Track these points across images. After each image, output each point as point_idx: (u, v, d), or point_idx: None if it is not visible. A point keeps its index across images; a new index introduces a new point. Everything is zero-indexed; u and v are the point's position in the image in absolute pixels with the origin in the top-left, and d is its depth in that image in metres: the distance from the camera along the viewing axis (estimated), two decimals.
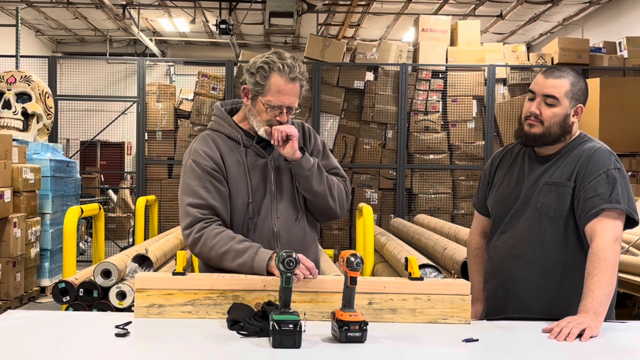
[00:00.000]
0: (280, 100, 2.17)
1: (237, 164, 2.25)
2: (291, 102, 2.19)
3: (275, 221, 2.25)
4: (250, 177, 2.24)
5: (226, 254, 2.13)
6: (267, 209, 2.25)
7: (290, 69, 2.16)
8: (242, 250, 2.11)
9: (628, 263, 3.82)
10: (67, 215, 4.24)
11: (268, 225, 2.24)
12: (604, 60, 8.42)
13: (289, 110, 2.21)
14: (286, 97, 2.17)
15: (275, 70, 2.16)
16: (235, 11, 10.92)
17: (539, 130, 2.22)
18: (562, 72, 2.23)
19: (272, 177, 2.26)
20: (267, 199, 2.26)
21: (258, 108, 2.21)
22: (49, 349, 1.71)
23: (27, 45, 11.99)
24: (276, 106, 2.18)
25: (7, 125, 6.69)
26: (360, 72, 8.33)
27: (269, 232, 2.24)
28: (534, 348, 1.82)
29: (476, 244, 2.52)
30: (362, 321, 1.79)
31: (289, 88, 2.17)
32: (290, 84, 2.17)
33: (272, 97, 2.17)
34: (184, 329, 1.89)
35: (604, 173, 2.15)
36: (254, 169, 2.26)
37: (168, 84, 8.77)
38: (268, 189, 2.26)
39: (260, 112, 2.21)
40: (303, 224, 2.30)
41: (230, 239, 2.15)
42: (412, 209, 8.15)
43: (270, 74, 2.17)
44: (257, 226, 2.24)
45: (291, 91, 2.18)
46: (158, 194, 7.78)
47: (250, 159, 2.26)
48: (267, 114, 2.20)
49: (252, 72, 2.20)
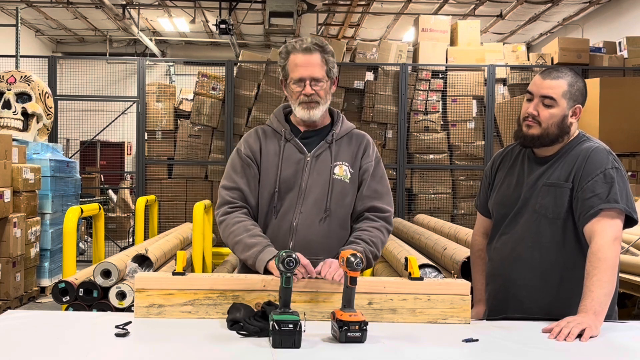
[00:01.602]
0: (298, 72, 2.23)
1: (274, 154, 2.31)
2: (310, 72, 2.23)
3: (297, 216, 2.26)
4: (281, 168, 2.28)
5: (237, 244, 2.22)
6: (291, 203, 2.27)
7: (302, 42, 2.25)
8: (250, 245, 2.18)
9: (628, 263, 3.81)
10: (67, 215, 4.24)
11: (288, 219, 2.27)
12: (604, 60, 8.42)
13: (314, 82, 2.24)
14: (303, 69, 2.23)
15: (291, 50, 2.26)
16: (235, 11, 10.92)
17: (537, 131, 2.22)
18: (560, 73, 2.23)
19: (305, 173, 2.28)
20: (294, 192, 2.28)
21: (289, 90, 2.29)
22: (49, 349, 1.71)
23: (27, 45, 11.99)
24: (297, 79, 2.23)
25: (7, 125, 6.69)
26: (360, 72, 8.33)
27: (287, 226, 2.26)
28: (534, 348, 1.82)
29: (478, 245, 2.52)
30: (362, 321, 1.79)
31: (305, 59, 2.23)
32: (304, 55, 2.23)
33: (292, 74, 2.25)
34: (184, 329, 1.89)
35: (601, 173, 2.15)
36: (288, 161, 2.29)
37: (168, 84, 8.77)
38: (297, 184, 2.28)
39: (291, 93, 2.28)
40: (328, 226, 2.28)
41: (245, 230, 2.22)
42: (412, 209, 8.15)
43: (289, 55, 2.26)
44: (278, 217, 2.28)
45: (307, 62, 2.23)
46: (158, 194, 7.78)
47: (287, 151, 2.31)
48: (295, 91, 2.25)
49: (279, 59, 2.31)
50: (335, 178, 2.29)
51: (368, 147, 2.37)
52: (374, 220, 2.31)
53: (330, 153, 2.31)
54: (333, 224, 2.28)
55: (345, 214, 2.32)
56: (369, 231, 2.27)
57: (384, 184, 2.37)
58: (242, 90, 8.18)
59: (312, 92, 2.23)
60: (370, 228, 2.28)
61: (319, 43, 2.25)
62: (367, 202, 2.32)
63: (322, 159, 2.30)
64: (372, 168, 2.35)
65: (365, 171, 2.34)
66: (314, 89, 2.23)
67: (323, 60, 2.25)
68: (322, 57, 2.25)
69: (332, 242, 2.28)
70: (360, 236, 2.25)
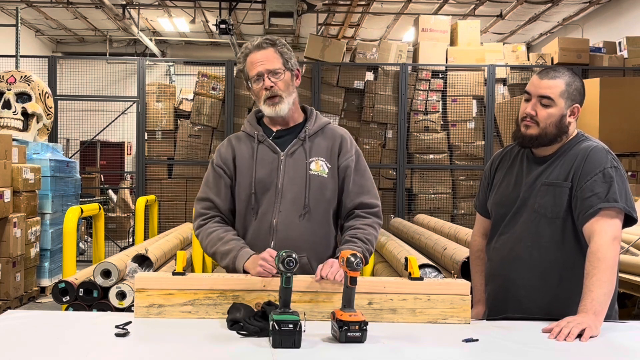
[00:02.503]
0: (255, 69, 2.27)
1: (248, 157, 2.32)
2: (266, 66, 2.26)
3: (277, 215, 2.27)
4: (256, 169, 2.29)
5: (215, 255, 2.28)
6: (270, 202, 2.28)
7: (254, 41, 2.30)
8: (225, 253, 2.23)
9: (628, 263, 3.81)
10: (67, 215, 4.24)
11: (268, 219, 2.27)
12: (603, 60, 8.42)
13: (271, 74, 2.26)
14: (258, 64, 2.27)
15: (246, 52, 2.31)
16: (235, 11, 10.92)
17: (535, 131, 2.22)
18: (557, 73, 2.23)
19: (280, 172, 2.28)
20: (272, 192, 2.28)
21: (253, 91, 2.33)
22: (49, 349, 1.71)
23: (27, 45, 11.99)
24: (254, 76, 2.27)
25: (7, 125, 6.69)
26: (360, 72, 8.33)
27: (267, 226, 2.27)
28: (534, 348, 1.82)
29: (478, 245, 2.52)
30: (362, 321, 1.79)
31: (258, 56, 2.27)
32: (257, 52, 2.28)
33: (251, 72, 2.29)
34: (184, 329, 1.89)
35: (600, 172, 2.15)
36: (262, 162, 2.30)
37: (168, 84, 8.77)
38: (274, 183, 2.28)
39: (255, 93, 2.32)
40: (309, 222, 2.28)
41: (218, 240, 2.27)
42: (412, 209, 8.15)
43: (245, 58, 2.31)
44: (258, 217, 2.29)
45: (261, 57, 2.27)
46: (158, 194, 7.79)
47: (261, 153, 2.31)
48: (256, 88, 2.29)
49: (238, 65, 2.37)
50: (312, 174, 2.29)
51: (345, 142, 2.36)
52: (365, 217, 2.31)
53: (305, 150, 2.31)
54: (313, 220, 2.29)
55: (325, 209, 2.31)
56: (363, 229, 2.27)
57: (367, 177, 2.38)
58: (242, 90, 8.18)
59: (271, 85, 2.25)
60: (364, 226, 2.28)
61: (269, 39, 2.30)
62: (355, 198, 2.32)
63: (297, 157, 2.30)
64: (354, 163, 2.34)
65: (347, 167, 2.33)
66: (273, 81, 2.25)
67: (277, 52, 2.28)
68: (275, 49, 2.28)
69: (314, 238, 2.29)
70: (356, 235, 2.25)
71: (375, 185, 2.40)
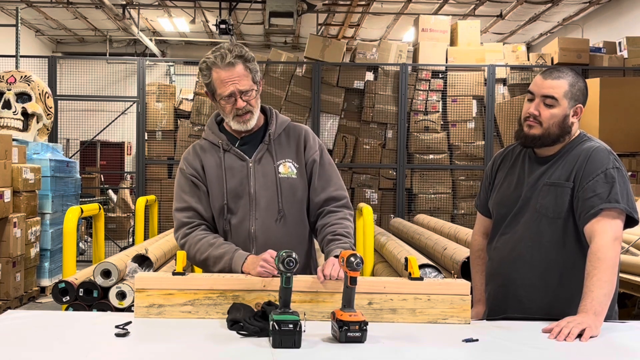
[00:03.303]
0: (226, 89, 2.19)
1: (216, 167, 2.29)
2: (237, 86, 2.18)
3: (253, 222, 2.26)
4: (226, 179, 2.27)
5: (207, 261, 2.23)
6: (245, 211, 2.26)
7: (222, 56, 2.18)
8: (219, 257, 2.19)
9: (628, 263, 3.81)
10: (67, 215, 4.23)
11: (245, 227, 2.26)
12: (604, 60, 8.41)
13: (243, 94, 2.20)
14: (230, 84, 2.18)
15: (212, 65, 2.20)
16: (235, 11, 10.92)
17: (538, 131, 2.22)
18: (561, 73, 2.23)
19: (251, 179, 2.27)
20: (245, 200, 2.27)
21: (220, 105, 2.25)
22: (49, 349, 1.71)
23: (27, 45, 11.99)
24: (226, 96, 2.20)
25: (7, 125, 6.69)
26: (360, 72, 8.33)
27: (245, 234, 2.26)
28: (534, 348, 1.82)
29: (478, 245, 2.52)
30: (362, 321, 1.79)
31: (229, 74, 2.18)
32: (228, 70, 2.18)
33: (220, 90, 2.20)
34: (184, 329, 1.89)
35: (602, 173, 2.15)
36: (231, 171, 2.28)
37: (168, 84, 8.77)
38: (246, 191, 2.27)
39: (222, 108, 2.25)
40: (285, 226, 2.28)
41: (209, 245, 2.23)
42: (412, 209, 8.15)
43: (210, 71, 2.21)
44: (234, 227, 2.27)
45: (233, 76, 2.18)
46: (158, 194, 7.78)
47: (228, 162, 2.28)
48: (226, 106, 2.22)
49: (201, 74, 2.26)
50: (281, 177, 2.28)
51: (308, 138, 2.35)
52: (336, 211, 2.30)
53: (271, 154, 2.29)
54: (289, 222, 2.28)
55: (298, 209, 2.31)
56: (340, 224, 2.26)
57: (332, 170, 2.36)
58: None
59: (244, 105, 2.20)
60: (339, 220, 2.28)
61: (238, 53, 2.19)
62: (322, 193, 2.31)
63: (265, 162, 2.28)
64: (319, 157, 2.34)
65: (313, 162, 2.32)
66: (244, 99, 2.20)
67: (247, 69, 2.20)
68: (244, 66, 2.19)
69: (292, 239, 2.28)
70: (336, 231, 2.24)
71: (340, 177, 2.39)
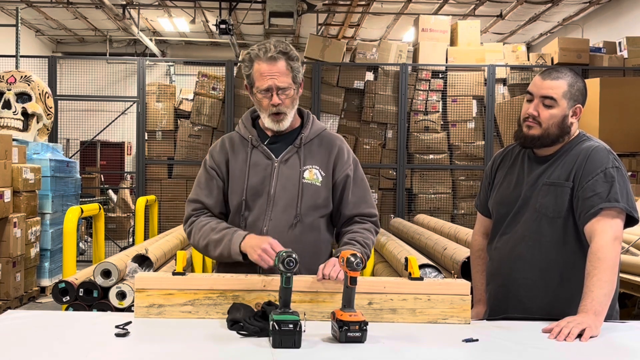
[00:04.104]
0: (265, 82, 2.18)
1: (242, 162, 2.28)
2: (276, 82, 2.18)
3: (267, 222, 2.23)
4: (249, 175, 2.25)
5: (208, 246, 2.22)
6: (261, 210, 2.24)
7: (266, 50, 2.18)
8: (219, 240, 2.18)
9: (628, 263, 3.81)
10: (67, 215, 4.24)
11: (258, 226, 2.24)
12: (604, 60, 8.41)
13: (281, 92, 2.19)
14: (269, 78, 2.18)
15: (255, 57, 2.21)
16: (235, 11, 10.92)
17: (538, 131, 2.22)
18: (560, 73, 2.23)
19: (273, 179, 2.24)
20: (263, 199, 2.24)
21: (256, 99, 2.25)
22: (49, 349, 1.71)
23: (27, 45, 11.99)
24: (264, 89, 2.19)
25: (7, 125, 6.69)
26: (360, 72, 8.33)
27: (257, 232, 2.23)
28: (534, 348, 1.82)
29: (478, 245, 2.52)
30: (362, 321, 1.79)
31: (270, 68, 2.18)
32: (269, 64, 2.18)
33: (258, 83, 2.20)
34: (184, 329, 1.89)
35: (601, 172, 2.15)
36: (255, 168, 2.26)
37: (168, 84, 8.77)
38: (266, 190, 2.24)
39: (259, 103, 2.25)
40: (299, 231, 2.23)
41: (210, 230, 2.22)
42: (412, 209, 8.15)
43: (253, 63, 2.21)
44: (248, 224, 2.25)
45: (273, 70, 2.17)
46: (158, 194, 7.79)
47: (254, 158, 2.27)
48: (263, 101, 2.22)
49: (243, 67, 2.27)
50: (305, 182, 2.24)
51: (342, 151, 2.32)
52: (363, 222, 2.30)
53: (299, 157, 2.26)
54: (303, 229, 2.24)
55: (315, 217, 2.27)
56: (361, 233, 2.26)
57: (365, 188, 2.35)
58: (242, 90, 8.18)
59: (279, 102, 2.19)
60: (362, 230, 2.27)
61: (283, 50, 2.18)
62: (354, 209, 2.30)
63: (291, 164, 2.26)
64: (352, 173, 2.31)
65: (347, 176, 2.29)
66: (281, 98, 2.19)
67: (288, 67, 2.19)
68: (287, 64, 2.19)
69: (303, 246, 2.20)
70: (355, 238, 2.24)
71: (372, 195, 2.39)
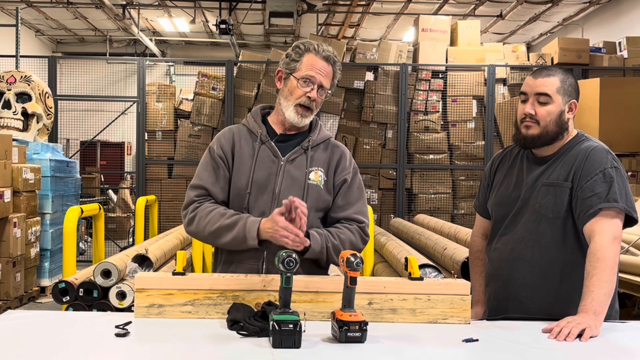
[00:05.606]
0: (313, 71, 2.21)
1: (248, 156, 2.28)
2: (321, 79, 2.21)
3: None
4: (254, 170, 2.25)
5: (217, 231, 2.17)
6: (265, 207, 2.23)
7: (324, 49, 2.24)
8: (232, 224, 2.14)
9: (628, 263, 3.81)
10: (67, 215, 4.24)
11: None
12: (604, 60, 8.42)
13: (320, 90, 2.22)
14: (317, 71, 2.21)
15: (310, 50, 2.25)
16: (235, 11, 10.92)
17: (537, 130, 2.23)
18: (550, 71, 2.26)
19: (278, 177, 2.25)
20: (267, 197, 2.24)
21: (290, 86, 2.24)
22: (49, 349, 1.71)
23: (27, 45, 11.99)
24: (308, 78, 2.21)
25: (7, 125, 6.69)
26: (360, 72, 8.34)
27: None
28: (534, 348, 1.82)
29: (477, 246, 2.52)
30: (362, 321, 1.79)
31: (323, 65, 2.23)
32: (323, 61, 2.23)
33: (305, 71, 2.22)
34: (184, 329, 1.89)
35: (600, 172, 2.15)
36: (261, 164, 2.26)
37: (168, 84, 8.77)
38: (271, 188, 2.24)
39: (292, 90, 2.24)
40: None
41: (220, 215, 2.18)
42: (412, 209, 8.15)
43: (304, 53, 2.24)
44: None
45: (324, 69, 2.22)
46: (158, 194, 7.79)
47: (262, 155, 2.27)
48: (299, 89, 2.22)
49: (289, 53, 2.28)
50: (310, 183, 2.25)
51: (344, 158, 2.34)
52: (349, 226, 2.27)
53: (306, 158, 2.28)
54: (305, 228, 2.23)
55: (316, 218, 2.27)
56: (340, 229, 2.24)
57: (360, 195, 2.35)
58: (242, 90, 8.19)
59: (315, 97, 2.22)
60: (343, 227, 2.25)
61: (335, 57, 2.27)
62: (342, 212, 2.28)
63: (297, 164, 2.27)
64: (350, 179, 2.32)
65: (344, 181, 2.30)
66: (317, 95, 2.22)
67: (334, 74, 2.27)
68: (334, 71, 2.26)
69: None
70: (329, 229, 2.23)
71: (367, 205, 2.38)
